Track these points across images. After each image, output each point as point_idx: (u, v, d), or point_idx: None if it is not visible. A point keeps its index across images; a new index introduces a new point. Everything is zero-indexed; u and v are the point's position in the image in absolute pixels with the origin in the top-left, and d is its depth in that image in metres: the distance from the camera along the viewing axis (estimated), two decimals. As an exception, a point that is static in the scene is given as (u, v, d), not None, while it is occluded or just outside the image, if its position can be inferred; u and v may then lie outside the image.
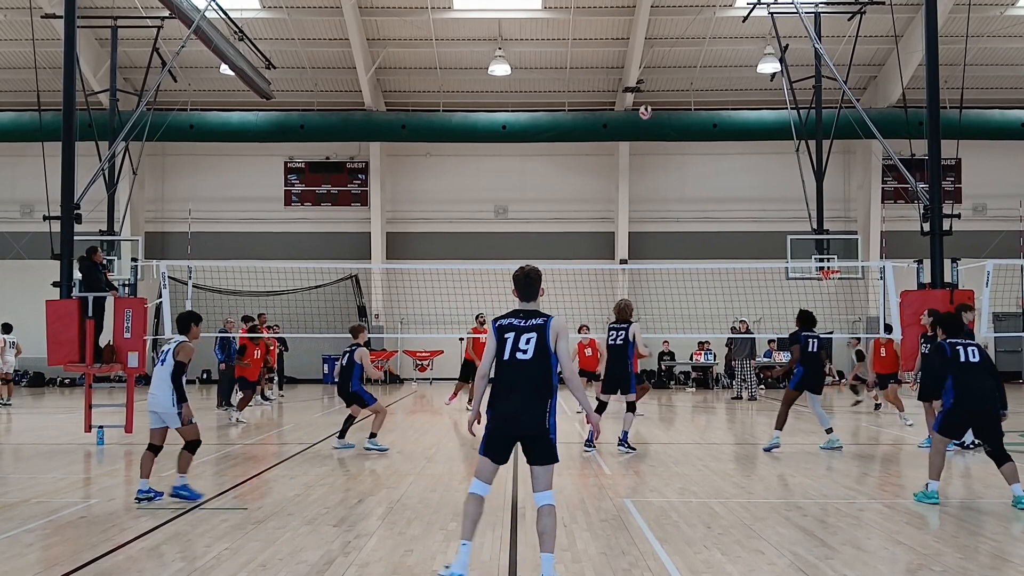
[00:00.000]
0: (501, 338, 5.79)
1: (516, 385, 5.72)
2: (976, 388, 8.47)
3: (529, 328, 5.76)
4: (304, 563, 6.30)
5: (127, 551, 6.66)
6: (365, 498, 8.75)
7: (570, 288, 23.20)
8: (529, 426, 5.72)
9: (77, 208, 13.75)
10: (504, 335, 5.78)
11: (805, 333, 12.36)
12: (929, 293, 13.39)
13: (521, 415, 5.71)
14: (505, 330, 5.80)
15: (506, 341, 5.77)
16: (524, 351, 5.72)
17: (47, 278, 13.96)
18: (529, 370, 5.71)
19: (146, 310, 14.12)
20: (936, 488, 8.43)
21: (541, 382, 5.72)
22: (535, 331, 5.74)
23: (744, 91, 28.04)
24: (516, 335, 5.77)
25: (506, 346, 5.75)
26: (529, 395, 5.70)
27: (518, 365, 5.72)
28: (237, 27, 21.79)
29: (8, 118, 25.64)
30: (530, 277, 6.03)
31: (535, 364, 5.71)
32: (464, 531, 5.81)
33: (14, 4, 24.10)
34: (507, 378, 5.75)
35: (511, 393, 5.72)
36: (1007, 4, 24.82)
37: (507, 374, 5.75)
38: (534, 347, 5.71)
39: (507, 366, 5.75)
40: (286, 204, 29.67)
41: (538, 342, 5.72)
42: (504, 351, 5.75)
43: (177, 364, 8.50)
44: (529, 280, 6.02)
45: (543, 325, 5.77)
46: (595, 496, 8.82)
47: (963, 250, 16.24)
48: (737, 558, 6.40)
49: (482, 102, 28.19)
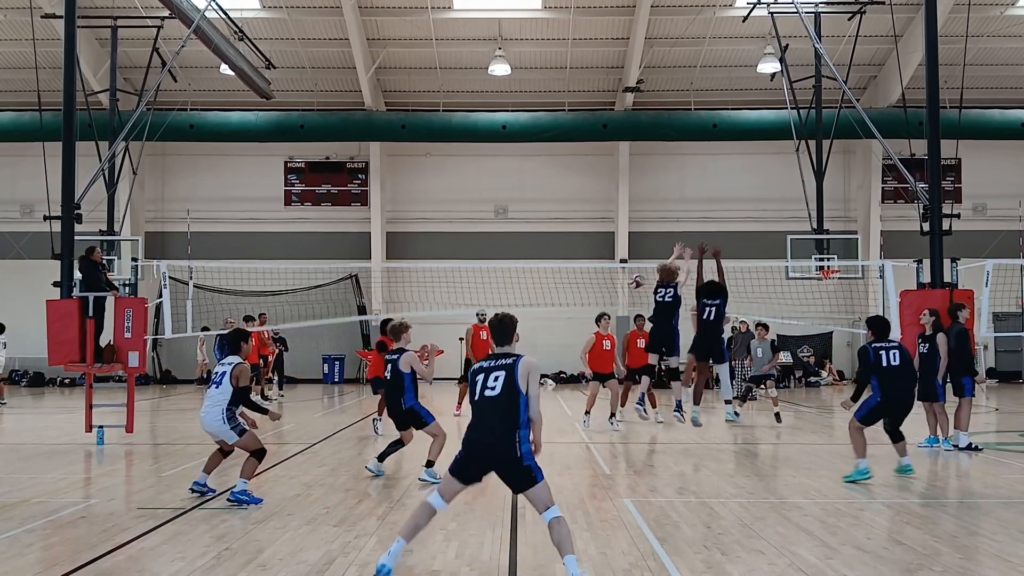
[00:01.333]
0: (473, 380, 6.04)
1: (485, 419, 5.93)
2: (898, 389, 9.82)
3: (499, 367, 5.98)
4: (304, 563, 6.30)
5: (127, 551, 6.66)
6: (365, 498, 8.76)
7: (570, 288, 23.22)
8: (500, 458, 5.90)
9: (77, 208, 13.75)
10: (476, 377, 6.04)
11: (705, 301, 12.92)
12: (929, 293, 13.39)
13: (492, 447, 5.90)
14: (477, 372, 6.06)
15: (477, 382, 6.01)
16: (492, 388, 5.93)
17: (47, 278, 13.97)
18: (497, 404, 5.89)
19: (146, 310, 14.13)
20: (865, 464, 9.71)
21: (508, 415, 5.87)
22: (504, 369, 5.95)
23: (744, 91, 28.03)
24: (485, 375, 6.00)
25: (477, 386, 6.00)
26: (498, 428, 5.87)
27: (487, 401, 5.93)
28: (237, 27, 21.79)
29: (8, 118, 25.64)
30: (504, 323, 6.24)
31: (503, 399, 5.88)
32: (405, 531, 5.99)
33: (14, 4, 24.09)
34: (478, 413, 5.99)
35: (481, 426, 5.95)
36: (1007, 4, 24.82)
37: (478, 410, 5.99)
38: (502, 383, 5.91)
39: (478, 404, 5.99)
40: (286, 204, 29.67)
41: (506, 379, 5.91)
42: (475, 391, 6.00)
43: (239, 390, 8.40)
44: (503, 326, 6.23)
45: (512, 364, 5.97)
46: (595, 496, 8.83)
47: (963, 250, 16.24)
48: (737, 558, 6.41)
49: (482, 102, 28.19)
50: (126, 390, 13.58)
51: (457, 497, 7.10)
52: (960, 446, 11.90)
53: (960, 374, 12.03)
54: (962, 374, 12.05)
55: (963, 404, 12.05)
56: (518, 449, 5.86)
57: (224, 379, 8.42)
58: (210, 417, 8.39)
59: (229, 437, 8.45)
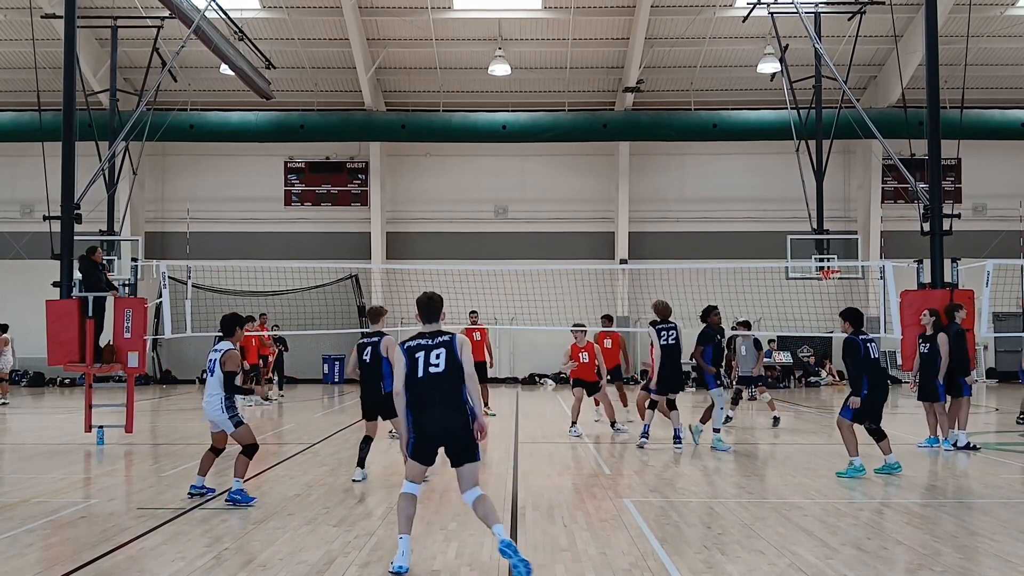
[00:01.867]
0: (413, 358, 6.25)
1: (433, 396, 6.19)
2: (882, 382, 10.07)
3: (438, 344, 6.27)
4: (304, 563, 6.30)
5: (127, 551, 6.66)
6: (365, 498, 8.76)
7: (570, 288, 23.25)
8: (450, 433, 6.18)
9: (77, 208, 13.75)
10: (416, 355, 6.26)
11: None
12: (929, 293, 13.39)
13: (443, 424, 6.17)
14: (416, 351, 6.28)
15: (418, 360, 6.24)
16: (436, 364, 6.21)
17: (47, 278, 13.97)
18: (443, 381, 6.19)
19: (146, 310, 14.12)
20: (860, 462, 9.89)
21: (455, 391, 6.20)
22: (444, 346, 6.25)
23: (744, 91, 28.03)
24: (426, 353, 6.25)
25: (419, 364, 6.22)
26: (446, 404, 6.17)
27: (433, 378, 6.19)
28: (237, 27, 21.79)
29: (8, 118, 25.64)
30: (432, 300, 6.53)
31: (447, 375, 6.19)
32: (401, 527, 6.23)
33: (14, 4, 24.09)
34: (424, 391, 6.21)
35: (429, 405, 6.18)
36: (1007, 4, 24.82)
37: (424, 388, 6.21)
38: (444, 360, 6.21)
39: (422, 382, 6.21)
40: (286, 204, 29.66)
41: (448, 355, 6.22)
42: (417, 369, 6.22)
43: (226, 375, 8.36)
44: (432, 303, 6.52)
45: (451, 340, 6.28)
46: (595, 496, 8.83)
47: (963, 250, 16.25)
48: (737, 558, 6.41)
49: (482, 102, 28.19)
50: (126, 390, 13.58)
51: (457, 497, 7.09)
52: (959, 445, 11.91)
53: (957, 374, 12.05)
54: (959, 374, 12.08)
55: (961, 404, 12.07)
56: (470, 422, 6.19)
57: (216, 366, 8.44)
58: (210, 406, 8.43)
59: (227, 427, 8.47)
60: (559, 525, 7.52)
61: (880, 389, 10.01)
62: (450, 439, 6.18)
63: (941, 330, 12.11)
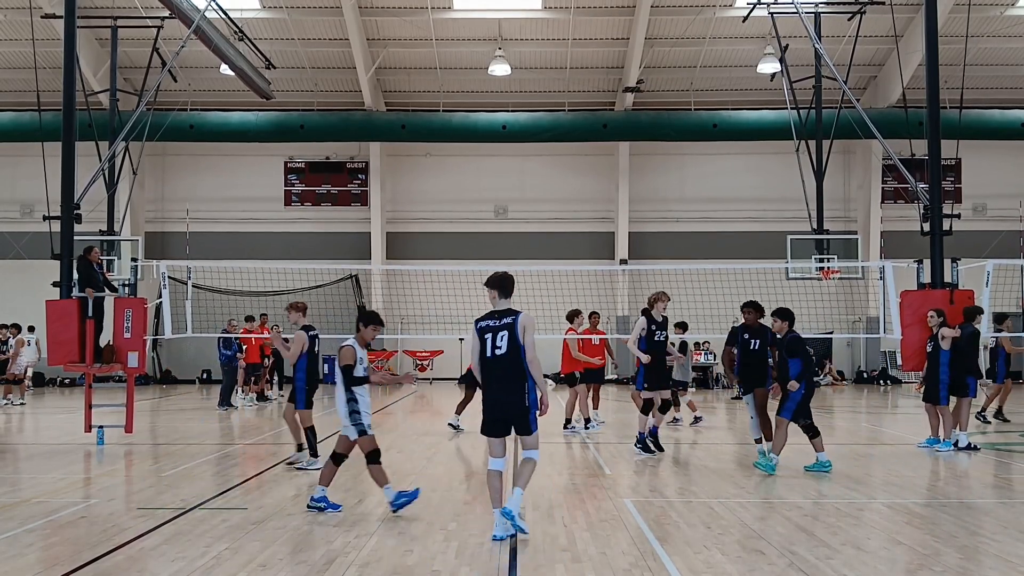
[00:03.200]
0: (482, 339, 6.90)
1: (496, 375, 6.86)
2: (812, 380, 10.21)
3: (503, 326, 6.84)
4: (304, 563, 6.30)
5: (127, 551, 6.66)
6: (365, 498, 8.75)
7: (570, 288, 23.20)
8: (513, 408, 6.88)
9: (77, 208, 13.74)
10: (484, 336, 6.89)
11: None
12: (929, 293, 13.39)
13: (506, 402, 6.87)
14: (484, 332, 6.90)
15: (486, 342, 6.87)
16: (499, 347, 6.81)
17: (47, 278, 13.96)
18: (505, 362, 6.82)
19: (146, 310, 14.11)
20: (777, 460, 10.01)
21: (516, 370, 6.82)
22: (506, 328, 6.82)
23: (744, 91, 28.04)
24: (493, 335, 6.85)
25: (487, 346, 6.86)
26: (510, 383, 6.83)
27: (496, 360, 6.84)
28: (237, 27, 21.79)
29: (8, 118, 25.65)
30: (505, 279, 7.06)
31: (509, 357, 6.81)
32: (494, 502, 6.94)
33: (14, 4, 24.10)
34: (489, 371, 6.91)
35: (495, 383, 6.88)
36: (1007, 4, 24.83)
37: (490, 368, 6.90)
38: (507, 342, 6.80)
39: (489, 362, 6.89)
40: (286, 204, 29.67)
41: (510, 337, 6.80)
42: (485, 350, 6.88)
43: (343, 369, 7.90)
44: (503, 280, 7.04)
45: (512, 323, 6.83)
46: (595, 496, 8.82)
47: (963, 250, 16.25)
48: (737, 558, 6.40)
49: (482, 102, 28.20)
50: (126, 390, 13.57)
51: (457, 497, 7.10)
52: (959, 446, 11.91)
53: (964, 374, 12.06)
54: (966, 374, 12.09)
55: (963, 404, 12.07)
56: (526, 399, 6.84)
57: (335, 365, 8.13)
58: (341, 410, 8.02)
59: (350, 433, 8.00)
60: (559, 525, 7.51)
61: (811, 387, 10.17)
62: (513, 416, 6.87)
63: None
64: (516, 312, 6.88)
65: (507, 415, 6.86)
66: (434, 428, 15.45)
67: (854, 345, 29.22)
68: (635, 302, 26.99)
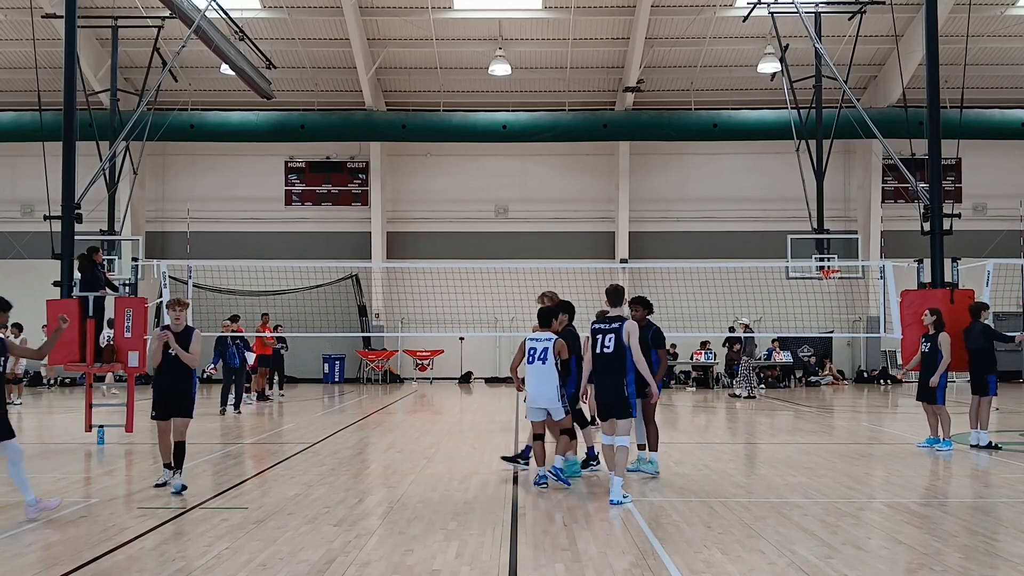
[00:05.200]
0: (594, 338, 8.67)
1: (602, 370, 8.61)
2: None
3: (611, 330, 8.60)
4: (304, 562, 6.31)
5: (127, 550, 6.67)
6: (365, 498, 8.76)
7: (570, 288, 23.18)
8: (612, 396, 8.54)
9: (78, 208, 13.75)
10: (596, 336, 8.66)
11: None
12: (929, 293, 13.39)
13: (610, 389, 8.56)
14: (596, 332, 8.68)
15: (597, 341, 8.63)
16: (608, 347, 8.57)
17: (48, 278, 13.97)
18: (611, 359, 8.55)
19: (146, 310, 14.12)
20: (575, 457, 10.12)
21: (619, 366, 8.53)
22: (613, 332, 8.57)
23: (744, 91, 28.03)
24: (603, 335, 8.62)
25: (597, 344, 8.63)
26: (613, 376, 8.53)
27: (604, 357, 8.59)
28: (237, 27, 21.79)
29: (9, 118, 25.64)
30: (617, 289, 8.84)
31: (615, 354, 8.54)
32: (616, 468, 8.47)
33: (15, 4, 24.10)
34: (598, 366, 8.66)
35: (602, 375, 8.63)
36: (1007, 4, 24.81)
37: (598, 363, 8.65)
38: (614, 343, 8.54)
39: (599, 358, 8.64)
40: (286, 204, 29.66)
41: (616, 339, 8.53)
42: (596, 347, 8.65)
43: (563, 362, 9.30)
44: (617, 292, 8.83)
45: (619, 328, 8.58)
46: (595, 496, 8.83)
47: (963, 250, 16.24)
48: (737, 558, 6.41)
49: (482, 102, 28.19)
50: (126, 390, 13.58)
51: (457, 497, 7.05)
52: (981, 445, 11.94)
53: (983, 372, 12.12)
54: (985, 372, 12.12)
55: (983, 403, 12.12)
56: (625, 390, 8.50)
57: (548, 354, 9.15)
58: (546, 393, 9.16)
59: (558, 414, 9.18)
60: (559, 525, 7.52)
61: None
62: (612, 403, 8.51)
63: (942, 329, 12.13)
64: (623, 319, 8.62)
65: (610, 401, 8.48)
66: (434, 428, 15.46)
67: (854, 344, 29.23)
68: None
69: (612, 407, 8.51)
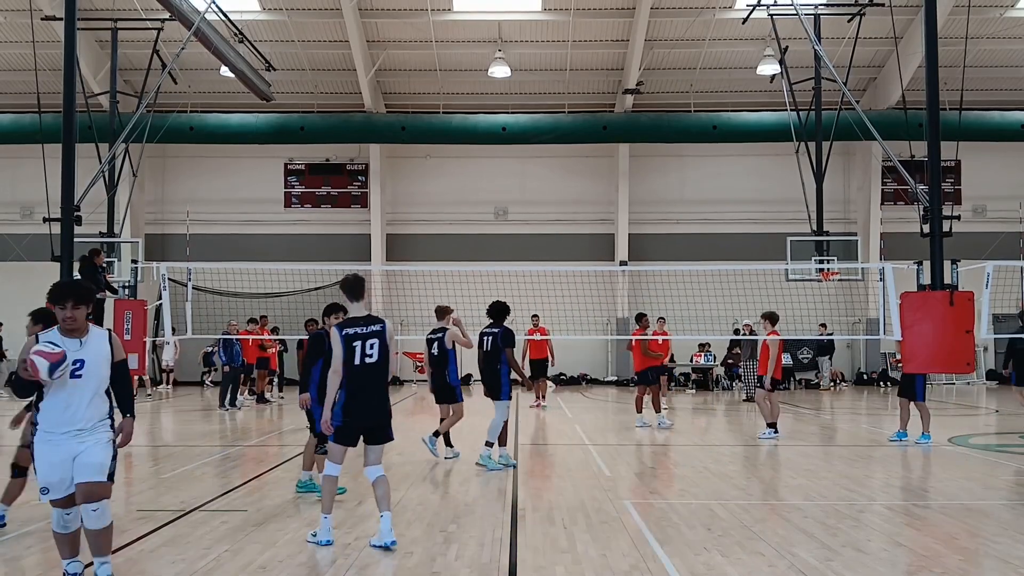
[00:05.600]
0: (351, 347, 6.71)
1: (367, 384, 6.75)
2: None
3: (371, 334, 6.78)
4: (304, 565, 6.30)
5: (126, 553, 6.66)
6: (365, 499, 8.75)
7: (570, 290, 23.22)
8: (378, 416, 6.85)
9: (77, 210, 13.77)
10: (353, 344, 6.72)
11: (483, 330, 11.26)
12: (929, 295, 13.39)
13: (376, 408, 6.82)
14: (353, 339, 6.73)
15: (355, 349, 6.71)
16: (371, 355, 6.76)
17: (47, 280, 13.87)
18: (378, 369, 6.79)
19: (146, 312, 14.12)
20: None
21: (385, 378, 6.87)
22: (377, 336, 6.79)
23: (744, 93, 28.03)
24: (363, 342, 6.74)
25: (356, 354, 6.71)
26: (380, 391, 6.84)
27: (368, 368, 6.75)
28: (237, 29, 21.80)
29: (8, 120, 25.64)
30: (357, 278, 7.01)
31: (381, 363, 6.82)
32: (325, 507, 6.85)
33: (14, 6, 24.10)
34: (359, 379, 6.73)
35: (364, 391, 6.75)
36: (1007, 6, 24.83)
37: (359, 376, 6.73)
38: (378, 350, 6.78)
39: (359, 370, 6.73)
40: (286, 206, 29.66)
41: (380, 345, 6.80)
42: (355, 358, 6.71)
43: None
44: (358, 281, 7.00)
45: (381, 330, 6.85)
46: (595, 498, 8.82)
47: (963, 252, 16.21)
48: (737, 560, 6.40)
49: (482, 104, 28.19)
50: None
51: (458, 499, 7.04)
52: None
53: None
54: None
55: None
56: (390, 407, 6.94)
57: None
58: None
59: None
60: (559, 527, 7.51)
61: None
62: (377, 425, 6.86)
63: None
64: (383, 320, 6.99)
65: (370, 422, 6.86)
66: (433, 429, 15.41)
67: (854, 347, 29.23)
68: (635, 304, 27.00)
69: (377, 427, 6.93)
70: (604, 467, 10.86)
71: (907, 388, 13.12)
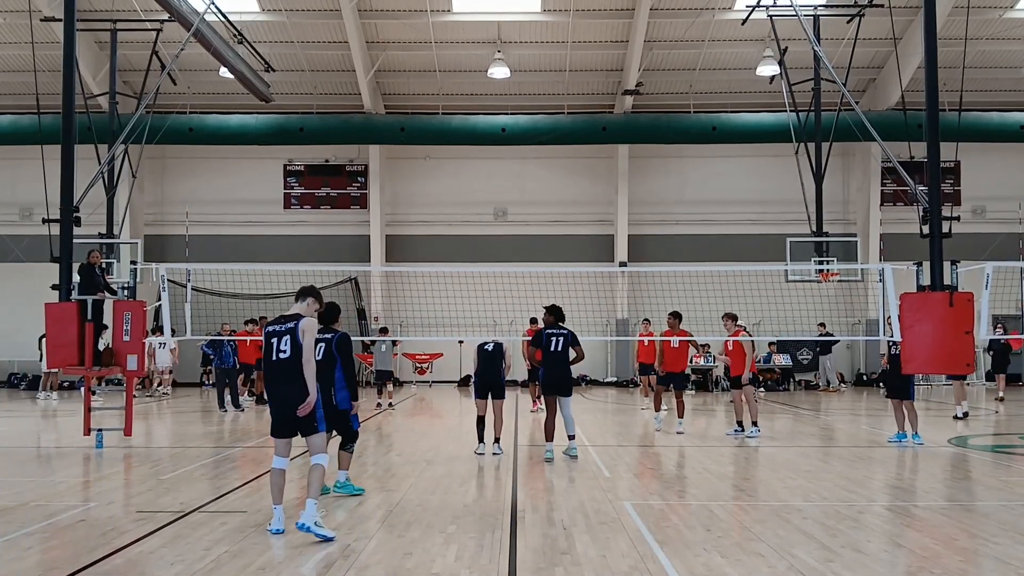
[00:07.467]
0: (268, 343, 7.26)
1: (280, 378, 7.22)
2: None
3: (285, 331, 7.22)
4: (303, 566, 6.29)
5: (126, 554, 6.65)
6: (364, 501, 8.74)
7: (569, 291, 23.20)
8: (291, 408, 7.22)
9: (76, 211, 13.74)
10: (270, 340, 7.26)
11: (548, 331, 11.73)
12: (929, 295, 13.38)
13: (291, 402, 7.20)
14: (270, 336, 7.27)
15: (272, 345, 7.22)
16: (284, 351, 7.17)
17: (46, 281, 13.94)
18: (289, 365, 7.15)
19: (145, 313, 14.10)
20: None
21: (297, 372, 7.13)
22: (289, 333, 7.20)
23: (743, 94, 28.05)
24: (278, 339, 7.23)
25: (272, 350, 7.21)
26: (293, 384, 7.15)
27: (281, 363, 7.19)
28: (236, 30, 21.80)
29: (7, 121, 25.63)
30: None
31: (293, 359, 7.14)
32: (275, 498, 7.35)
33: (13, 7, 24.10)
34: (274, 374, 7.26)
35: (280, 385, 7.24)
36: (1006, 7, 24.85)
37: (274, 371, 7.26)
38: (290, 346, 7.15)
39: (274, 365, 7.24)
40: (285, 207, 29.66)
41: (292, 341, 7.16)
42: (270, 354, 7.24)
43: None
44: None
45: (294, 328, 7.21)
46: (595, 499, 8.81)
47: (962, 252, 16.21)
48: (737, 561, 6.40)
49: (481, 105, 28.19)
50: (124, 393, 13.56)
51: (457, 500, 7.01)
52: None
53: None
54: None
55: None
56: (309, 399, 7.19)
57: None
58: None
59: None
60: (558, 528, 7.51)
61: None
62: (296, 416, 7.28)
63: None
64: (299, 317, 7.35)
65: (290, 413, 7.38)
66: (433, 430, 15.44)
67: (854, 347, 29.23)
68: (634, 305, 27.01)
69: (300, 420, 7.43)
70: (604, 468, 10.86)
71: (898, 389, 13.31)
